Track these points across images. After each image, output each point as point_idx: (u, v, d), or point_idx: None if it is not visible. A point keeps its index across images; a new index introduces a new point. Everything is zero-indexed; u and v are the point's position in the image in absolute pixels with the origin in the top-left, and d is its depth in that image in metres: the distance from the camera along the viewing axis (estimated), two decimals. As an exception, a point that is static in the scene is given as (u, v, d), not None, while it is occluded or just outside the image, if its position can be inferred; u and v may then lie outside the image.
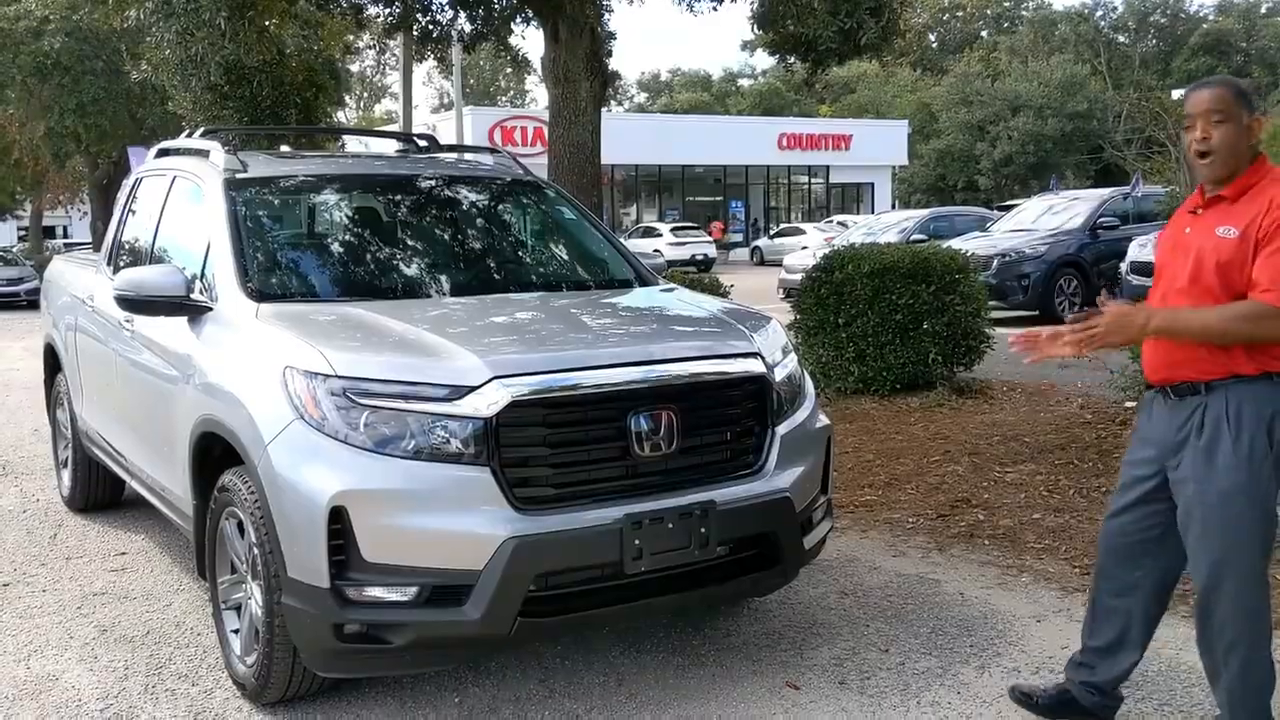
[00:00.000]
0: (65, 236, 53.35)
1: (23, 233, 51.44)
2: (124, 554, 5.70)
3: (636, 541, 3.48)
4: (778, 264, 26.48)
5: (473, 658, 3.99)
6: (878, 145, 48.32)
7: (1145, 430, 3.34)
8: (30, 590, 5.17)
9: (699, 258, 35.41)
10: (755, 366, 3.93)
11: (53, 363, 6.75)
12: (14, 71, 24.97)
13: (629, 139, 37.13)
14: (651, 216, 44.64)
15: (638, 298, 4.83)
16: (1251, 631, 3.13)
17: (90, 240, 34.05)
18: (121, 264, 5.67)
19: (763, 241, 41.11)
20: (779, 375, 4.04)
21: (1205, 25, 62.64)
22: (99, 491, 6.40)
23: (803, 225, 39.57)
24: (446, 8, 11.33)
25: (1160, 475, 3.26)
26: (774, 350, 4.13)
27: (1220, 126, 3.01)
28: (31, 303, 27.02)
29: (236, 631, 3.98)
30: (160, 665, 4.25)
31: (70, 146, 27.96)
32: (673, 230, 37.94)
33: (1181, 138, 3.20)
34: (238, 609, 3.98)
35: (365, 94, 69.97)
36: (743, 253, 43.63)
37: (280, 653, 3.60)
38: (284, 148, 10.96)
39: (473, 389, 3.44)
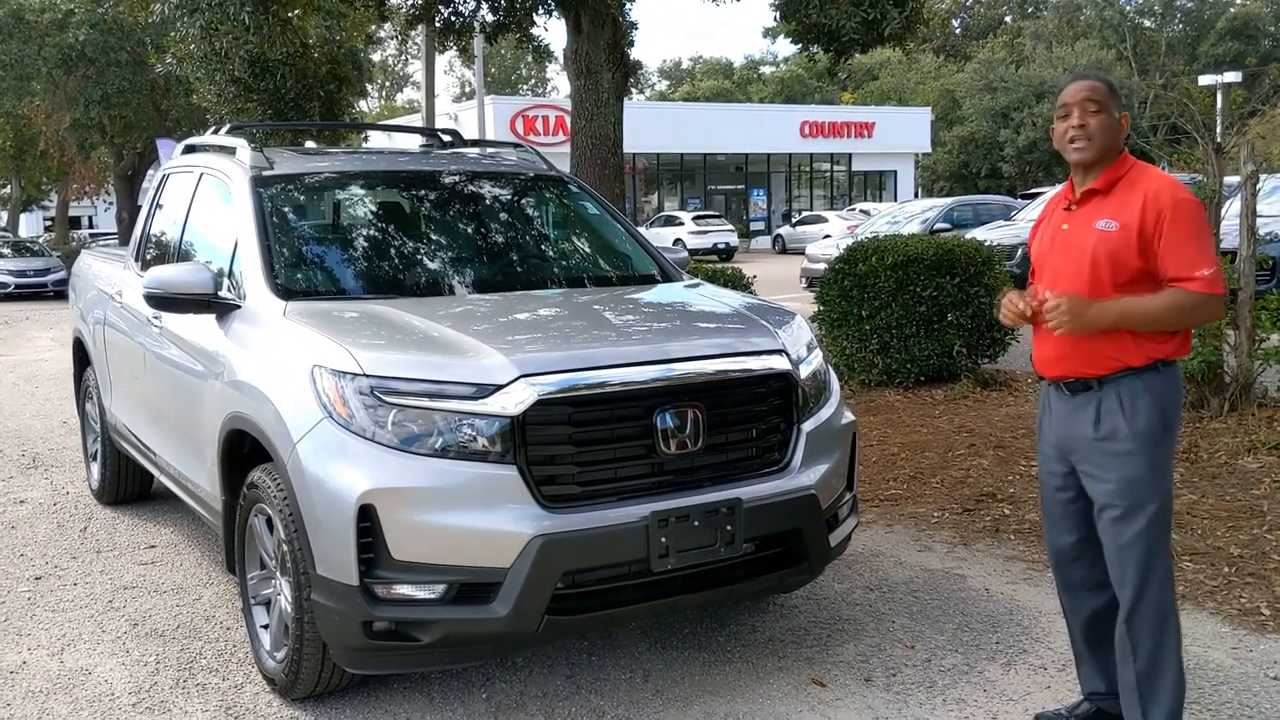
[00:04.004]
0: (90, 227, 53.81)
1: (49, 223, 51.87)
2: (153, 547, 5.76)
3: (663, 539, 3.48)
4: (800, 252, 26.40)
5: (500, 654, 4.01)
6: (901, 132, 48.02)
7: (1046, 430, 3.42)
8: (62, 583, 5.23)
9: (721, 246, 35.48)
10: (780, 363, 3.92)
11: (81, 357, 6.81)
12: (40, 63, 25.12)
13: (650, 127, 37.06)
14: (673, 205, 44.56)
15: (663, 294, 4.83)
16: (1161, 612, 3.18)
17: (115, 230, 34.26)
18: (148, 258, 5.73)
19: (785, 230, 41.05)
20: (804, 372, 4.03)
21: (1233, 9, 61.93)
22: (128, 485, 6.47)
23: (825, 213, 39.45)
24: (469, -1, 11.33)
25: (1073, 474, 3.33)
26: (799, 347, 4.12)
27: (1096, 116, 3.16)
28: (58, 293, 27.27)
29: (266, 627, 4.02)
30: (191, 659, 4.29)
31: (95, 138, 28.14)
32: (694, 219, 37.92)
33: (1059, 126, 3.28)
34: (267, 604, 4.02)
35: (387, 83, 70.11)
36: (764, 241, 43.54)
37: (310, 649, 3.63)
38: (309, 143, 11.01)
39: (499, 387, 3.45)
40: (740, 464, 3.79)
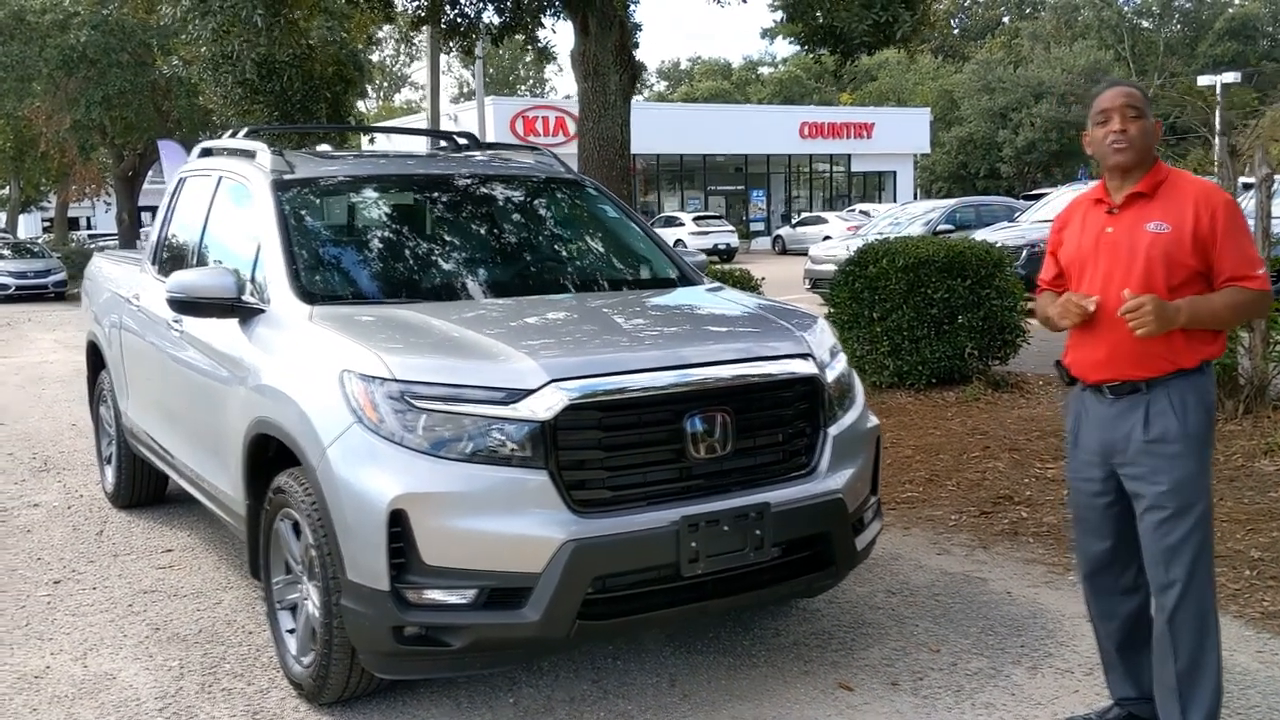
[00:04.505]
0: (89, 228, 53.72)
1: (47, 224, 51.79)
2: (170, 551, 5.75)
3: (693, 544, 3.48)
4: (800, 253, 26.46)
5: (529, 659, 4.01)
6: (899, 133, 48.06)
7: (1084, 436, 3.39)
8: (80, 587, 5.22)
9: (721, 247, 35.53)
10: (807, 368, 3.93)
11: (95, 360, 6.80)
12: (41, 65, 25.08)
13: (650, 128, 36.96)
14: (673, 206, 44.59)
15: (687, 298, 4.82)
16: (1203, 610, 3.19)
17: (115, 232, 34.23)
18: (163, 258, 5.73)
19: (785, 230, 41.13)
20: (830, 376, 4.03)
21: (1231, 10, 62.01)
22: (143, 488, 6.46)
23: (825, 214, 39.52)
24: (475, 1, 11.32)
25: (1112, 478, 3.32)
26: (824, 351, 4.12)
27: (1135, 121, 3.22)
28: (59, 294, 27.30)
29: (292, 631, 4.00)
30: (214, 664, 4.29)
31: (96, 139, 28.11)
32: (695, 220, 38.00)
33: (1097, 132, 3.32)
34: (293, 609, 4.01)
35: (385, 84, 70.09)
36: (764, 242, 43.59)
37: (339, 654, 3.62)
38: (323, 146, 11.01)
39: (530, 392, 3.45)
40: (768, 468, 3.79)
